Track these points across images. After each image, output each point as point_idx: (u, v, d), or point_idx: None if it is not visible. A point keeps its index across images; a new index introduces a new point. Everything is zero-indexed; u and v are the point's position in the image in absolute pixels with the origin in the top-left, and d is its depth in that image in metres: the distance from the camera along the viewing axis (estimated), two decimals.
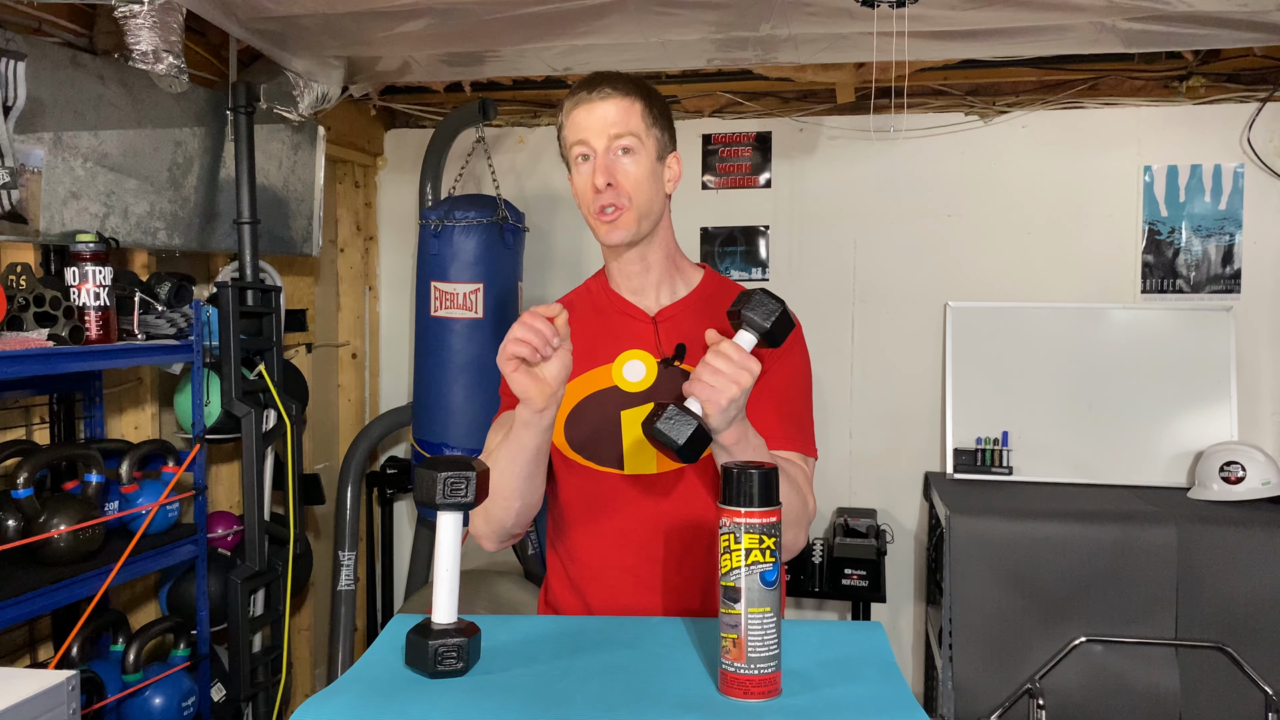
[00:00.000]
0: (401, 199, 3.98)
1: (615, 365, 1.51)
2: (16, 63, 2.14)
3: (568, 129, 1.50)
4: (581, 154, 1.47)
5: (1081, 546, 2.75)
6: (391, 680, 1.16)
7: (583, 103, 1.47)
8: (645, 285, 1.56)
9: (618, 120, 1.46)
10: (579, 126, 1.47)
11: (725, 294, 1.57)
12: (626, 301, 1.57)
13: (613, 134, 1.45)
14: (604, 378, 1.53)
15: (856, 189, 3.64)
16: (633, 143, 1.46)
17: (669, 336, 1.53)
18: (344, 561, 3.55)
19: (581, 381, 1.53)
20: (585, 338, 1.54)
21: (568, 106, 1.50)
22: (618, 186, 1.46)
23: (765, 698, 1.09)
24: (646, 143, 1.48)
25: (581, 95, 1.48)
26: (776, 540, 1.10)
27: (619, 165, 1.46)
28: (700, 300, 1.57)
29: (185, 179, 2.74)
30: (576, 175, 1.50)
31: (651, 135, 1.49)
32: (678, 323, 1.54)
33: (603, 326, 1.56)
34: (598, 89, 1.46)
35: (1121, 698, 2.71)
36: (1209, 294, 3.43)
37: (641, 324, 1.55)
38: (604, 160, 1.46)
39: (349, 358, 3.91)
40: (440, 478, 1.15)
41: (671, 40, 2.79)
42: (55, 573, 2.10)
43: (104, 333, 2.25)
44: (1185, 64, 3.32)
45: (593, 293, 1.62)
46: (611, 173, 1.45)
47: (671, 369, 1.51)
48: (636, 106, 1.47)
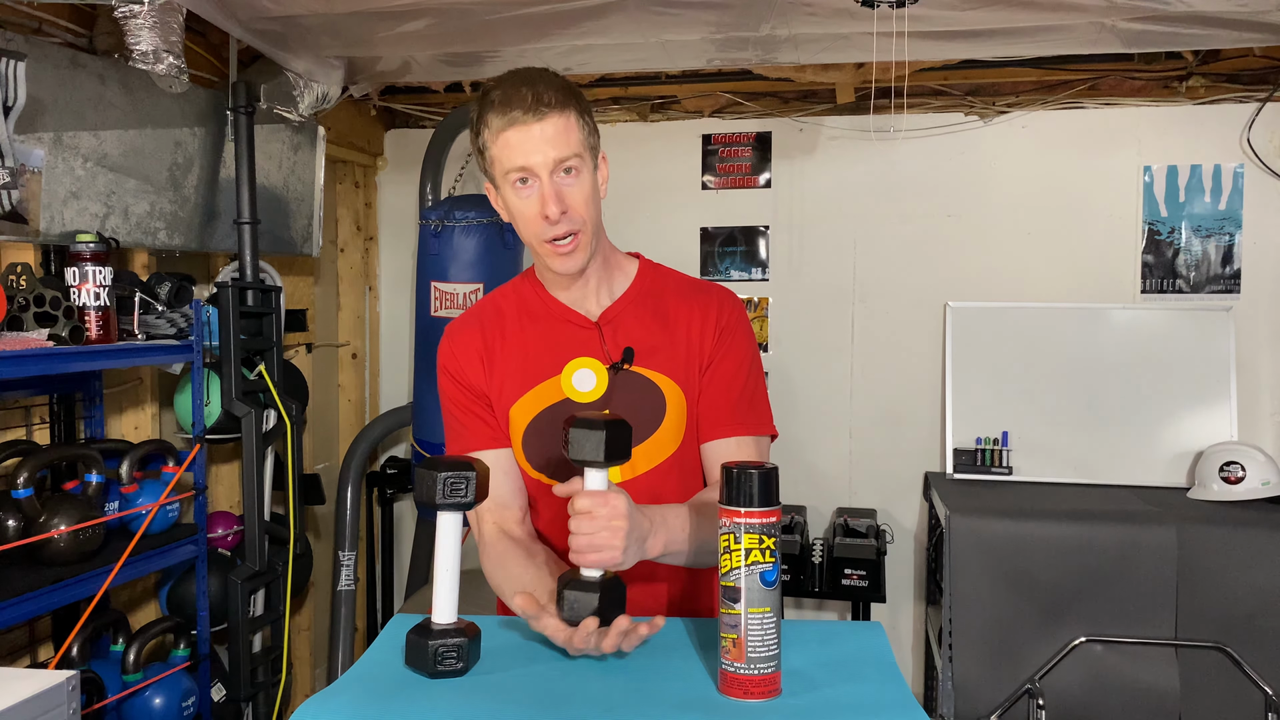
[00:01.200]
0: (401, 199, 3.97)
1: (564, 376, 1.42)
2: (16, 63, 2.13)
3: (498, 150, 1.38)
4: (521, 179, 1.38)
5: (1081, 546, 2.75)
6: (391, 680, 1.16)
7: (518, 124, 1.35)
8: (585, 291, 1.51)
9: (558, 142, 1.36)
10: (515, 150, 1.36)
11: (663, 282, 1.56)
12: (566, 308, 1.51)
13: (556, 158, 1.36)
14: (554, 391, 1.46)
15: (856, 189, 3.64)
16: (577, 163, 1.38)
17: (614, 340, 1.49)
18: (344, 561, 3.55)
19: (531, 398, 1.49)
20: (526, 349, 1.50)
21: (496, 124, 1.37)
22: (570, 212, 1.38)
23: (765, 698, 1.09)
24: (586, 157, 1.40)
25: (516, 114, 1.35)
26: (776, 540, 1.10)
27: (566, 190, 1.38)
28: (641, 294, 1.53)
29: (185, 179, 2.74)
30: (514, 198, 1.40)
31: (588, 147, 1.41)
32: (621, 322, 1.50)
33: (544, 336, 1.51)
34: (532, 109, 1.34)
35: (1121, 698, 2.71)
36: (1209, 294, 3.43)
37: (585, 330, 1.50)
38: (551, 187, 1.37)
39: (349, 358, 3.91)
40: (440, 478, 1.16)
41: (671, 40, 2.79)
42: (55, 573, 2.09)
43: (104, 333, 2.25)
44: (1185, 64, 3.31)
45: (525, 298, 1.54)
46: (561, 199, 1.37)
47: (623, 374, 1.47)
48: (572, 119, 1.38)
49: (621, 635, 1.19)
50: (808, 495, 3.65)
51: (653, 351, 1.49)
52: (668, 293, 1.54)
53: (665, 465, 1.48)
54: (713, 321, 1.50)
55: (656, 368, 1.48)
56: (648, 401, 1.47)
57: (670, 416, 1.48)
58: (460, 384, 1.52)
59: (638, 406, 1.45)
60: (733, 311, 1.53)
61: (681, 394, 1.48)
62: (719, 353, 1.49)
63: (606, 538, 1.21)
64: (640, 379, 1.48)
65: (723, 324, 1.50)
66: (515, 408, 1.50)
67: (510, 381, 1.50)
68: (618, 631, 1.19)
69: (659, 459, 1.48)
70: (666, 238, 3.75)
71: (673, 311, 1.51)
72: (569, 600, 1.20)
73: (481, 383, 1.51)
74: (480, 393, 1.52)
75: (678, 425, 1.48)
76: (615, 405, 1.45)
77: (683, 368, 1.49)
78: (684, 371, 1.49)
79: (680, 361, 1.49)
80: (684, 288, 1.56)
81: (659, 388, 1.48)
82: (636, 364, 1.48)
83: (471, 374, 1.52)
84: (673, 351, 1.49)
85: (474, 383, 1.52)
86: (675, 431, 1.48)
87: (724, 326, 1.50)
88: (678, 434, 1.49)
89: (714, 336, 1.50)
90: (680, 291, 1.54)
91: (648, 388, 1.48)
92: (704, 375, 1.49)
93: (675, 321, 1.51)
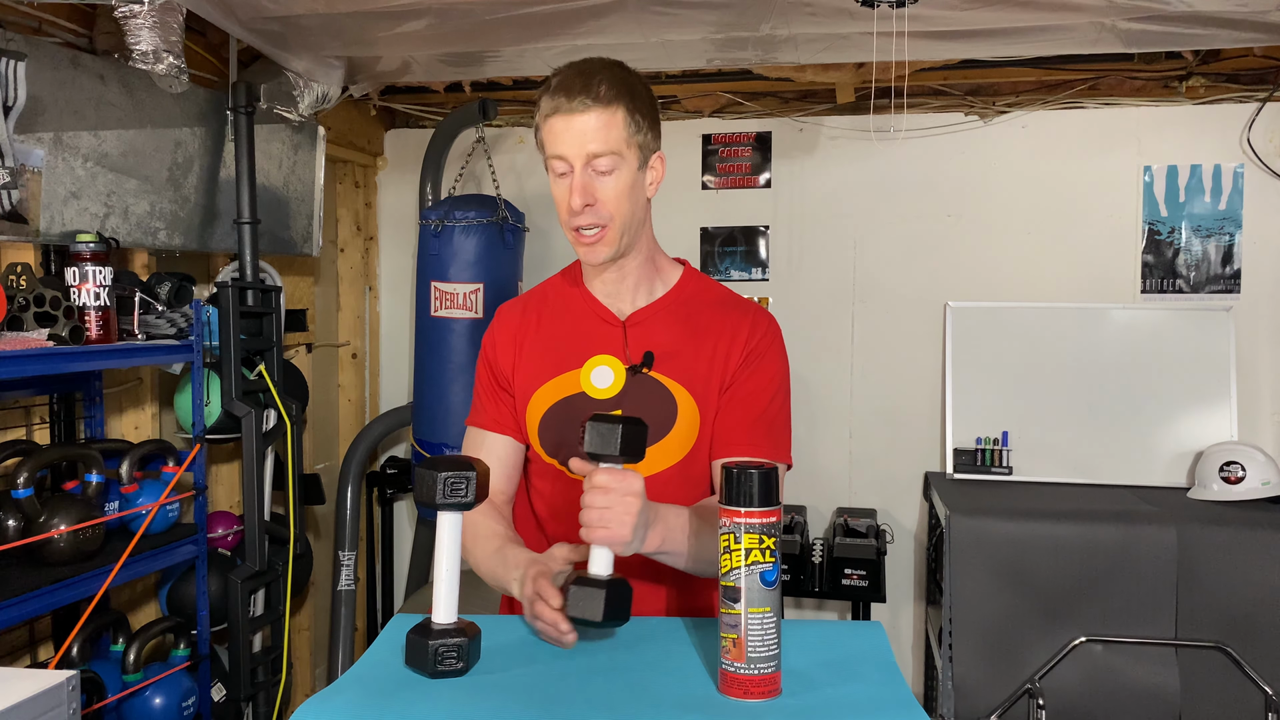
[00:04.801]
0: (401, 199, 3.98)
1: (584, 371, 1.46)
2: (16, 63, 2.13)
3: (545, 134, 1.41)
4: (560, 168, 1.40)
5: (1081, 546, 2.75)
6: (391, 680, 1.16)
7: (561, 111, 1.37)
8: (621, 289, 1.53)
9: (596, 137, 1.37)
10: (556, 138, 1.39)
11: (702, 293, 1.56)
12: (598, 303, 1.53)
13: (590, 152, 1.38)
14: (572, 383, 1.49)
15: (856, 189, 3.64)
16: (612, 161, 1.39)
17: (637, 342, 1.50)
18: (344, 561, 3.55)
19: (551, 387, 1.51)
20: (554, 339, 1.53)
21: (545, 107, 1.40)
22: (597, 205, 1.40)
23: (765, 698, 1.09)
24: (628, 155, 1.40)
25: (561, 101, 1.37)
26: (777, 540, 1.10)
27: (597, 183, 1.39)
28: (675, 303, 1.54)
29: (185, 179, 2.74)
30: (555, 185, 1.43)
31: (633, 145, 1.40)
32: (648, 327, 1.51)
33: (573, 328, 1.53)
34: (577, 97, 1.36)
35: (1121, 698, 2.71)
36: (1209, 294, 3.43)
37: (611, 328, 1.51)
38: (581, 179, 1.39)
39: (349, 358, 3.92)
40: (440, 478, 1.16)
41: (671, 40, 2.79)
42: (55, 573, 2.09)
43: (104, 333, 2.25)
44: (1185, 64, 3.31)
45: (565, 289, 1.58)
46: (589, 191, 1.39)
47: (640, 376, 1.48)
48: (618, 116, 1.38)
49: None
50: (808, 495, 3.65)
51: (674, 359, 1.49)
52: (704, 304, 1.54)
53: (668, 473, 1.48)
54: (742, 341, 1.50)
55: (675, 376, 1.48)
56: (660, 407, 1.47)
57: (680, 426, 1.48)
58: (488, 362, 1.58)
59: (649, 411, 1.45)
60: (766, 334, 1.52)
61: (695, 406, 1.48)
62: (744, 373, 1.49)
63: (619, 514, 1.22)
64: (656, 384, 1.48)
65: (752, 345, 1.50)
66: (537, 393, 1.52)
67: (536, 365, 1.53)
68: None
69: (662, 466, 1.48)
70: (667, 238, 3.67)
71: (704, 324, 1.51)
72: (573, 594, 1.20)
73: (508, 366, 1.55)
74: (504, 375, 1.56)
75: (686, 436, 1.48)
76: (628, 406, 1.46)
77: (702, 381, 1.48)
78: (702, 385, 1.48)
79: (700, 374, 1.48)
80: (722, 302, 1.56)
81: (673, 396, 1.48)
82: (656, 369, 1.48)
83: (501, 355, 1.56)
84: (695, 363, 1.49)
85: (501, 365, 1.56)
86: (683, 442, 1.48)
87: (753, 348, 1.50)
88: (685, 444, 1.48)
89: (740, 357, 1.49)
90: (717, 305, 1.54)
91: (662, 394, 1.48)
92: (725, 394, 1.49)
93: (704, 334, 1.50)
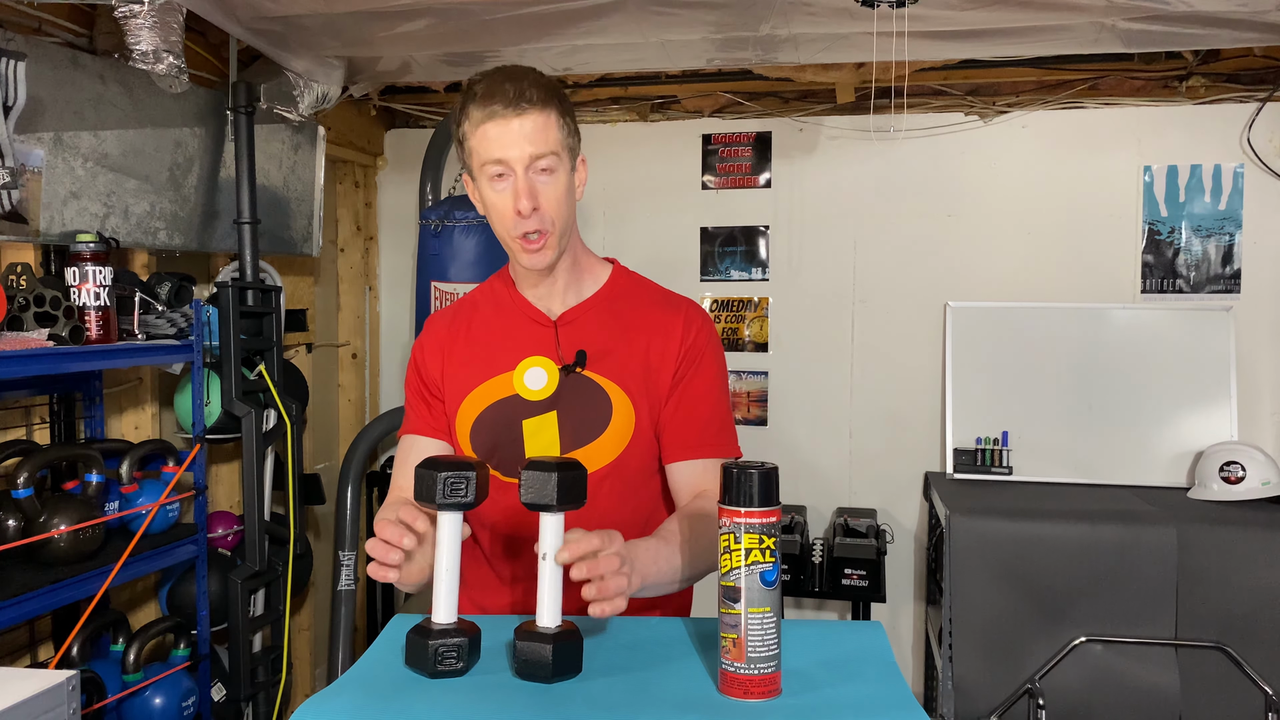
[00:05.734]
0: (401, 199, 3.97)
1: (516, 373, 1.46)
2: (16, 63, 2.14)
3: (476, 141, 1.39)
4: (497, 173, 1.40)
5: (1081, 546, 2.75)
6: (391, 680, 1.16)
7: (498, 116, 1.37)
8: (552, 290, 1.52)
9: (536, 139, 1.37)
10: (494, 143, 1.38)
11: (633, 291, 1.56)
12: (529, 304, 1.53)
13: (533, 154, 1.38)
14: (505, 386, 1.49)
15: (856, 189, 3.64)
16: (553, 161, 1.40)
17: (569, 342, 1.50)
18: (344, 561, 3.55)
19: (484, 390, 1.51)
20: (485, 343, 1.53)
21: (477, 115, 1.38)
22: (541, 210, 1.40)
23: (765, 698, 1.09)
24: (563, 157, 1.42)
25: (496, 107, 1.37)
26: (776, 540, 1.10)
27: (540, 187, 1.40)
28: (606, 300, 1.54)
29: (185, 179, 2.74)
30: (489, 191, 1.41)
31: (566, 147, 1.42)
32: (579, 326, 1.51)
33: (505, 330, 1.53)
34: (514, 104, 1.36)
35: (1121, 698, 2.71)
36: (1209, 294, 3.43)
37: (543, 328, 1.51)
38: (525, 182, 1.38)
39: (349, 358, 3.92)
40: (440, 478, 1.15)
41: (671, 40, 2.79)
42: (55, 573, 2.10)
43: (104, 333, 2.25)
44: (1185, 64, 3.31)
45: (497, 292, 1.58)
46: (534, 195, 1.39)
47: (573, 376, 1.48)
48: (553, 118, 1.39)
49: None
50: (808, 495, 3.65)
51: (608, 358, 1.49)
52: (635, 302, 1.54)
53: (602, 472, 1.47)
54: (676, 340, 1.50)
55: (608, 374, 1.48)
56: (594, 406, 1.47)
57: (614, 424, 1.47)
58: (417, 371, 1.57)
59: (583, 410, 1.46)
60: (701, 330, 1.52)
61: (630, 404, 1.48)
62: (686, 373, 1.49)
63: (618, 583, 1.16)
64: (590, 383, 1.48)
65: (689, 343, 1.50)
66: (468, 398, 1.51)
67: (466, 371, 1.52)
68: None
69: (598, 465, 1.47)
70: (666, 238, 3.76)
71: (637, 322, 1.51)
72: (520, 650, 1.13)
73: (436, 374, 1.55)
74: (433, 382, 1.55)
75: (621, 434, 1.48)
76: (562, 406, 1.46)
77: (637, 379, 1.48)
78: (638, 383, 1.48)
79: (635, 372, 1.48)
80: (653, 299, 1.55)
81: (607, 394, 1.48)
82: (589, 368, 1.48)
83: (429, 363, 1.56)
84: (628, 361, 1.49)
85: (429, 372, 1.55)
86: (618, 440, 1.48)
87: (690, 345, 1.50)
88: (620, 443, 1.48)
89: (677, 355, 1.49)
90: (648, 303, 1.54)
91: (596, 393, 1.48)
92: (670, 394, 1.49)
93: (637, 332, 1.50)
